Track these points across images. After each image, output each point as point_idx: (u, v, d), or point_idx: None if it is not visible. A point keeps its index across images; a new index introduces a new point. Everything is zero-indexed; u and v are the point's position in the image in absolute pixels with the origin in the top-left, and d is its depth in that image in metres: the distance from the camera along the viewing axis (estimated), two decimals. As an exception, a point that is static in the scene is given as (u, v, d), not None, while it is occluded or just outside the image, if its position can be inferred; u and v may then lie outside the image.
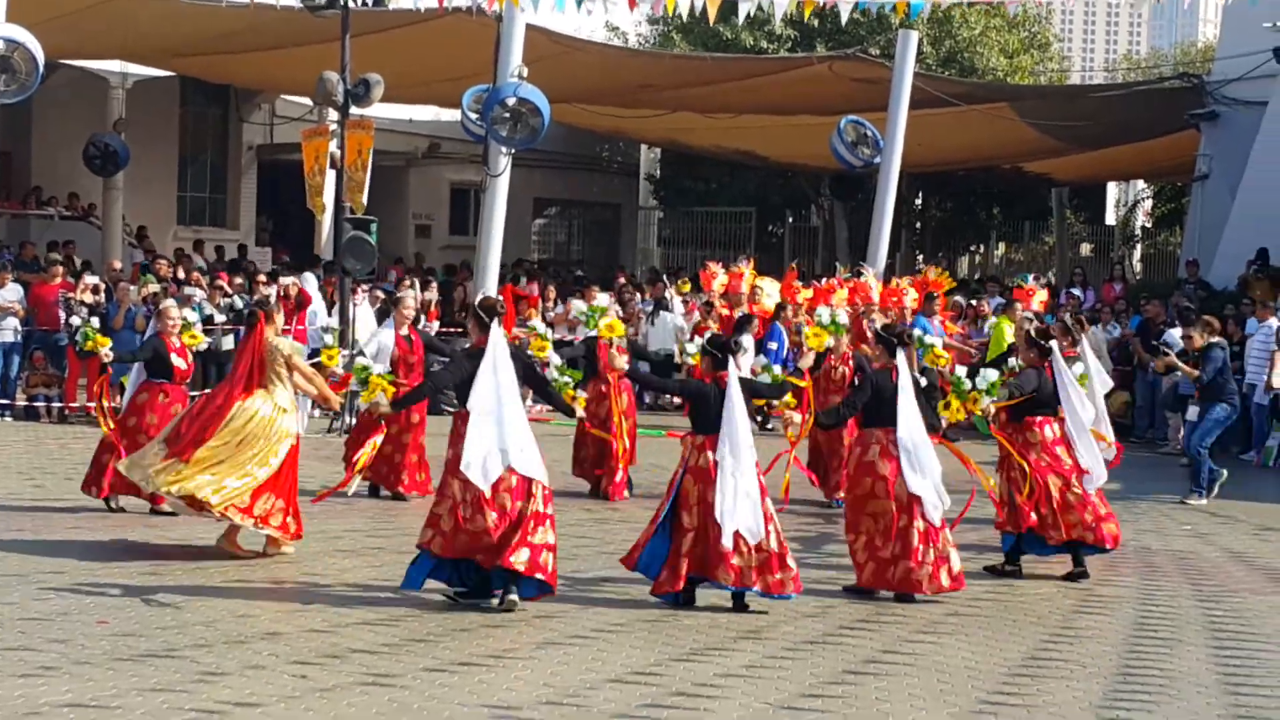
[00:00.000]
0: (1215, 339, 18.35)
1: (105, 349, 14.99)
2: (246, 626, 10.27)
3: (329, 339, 16.71)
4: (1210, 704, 9.41)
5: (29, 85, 20.23)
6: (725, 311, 25.00)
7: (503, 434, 10.90)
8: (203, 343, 15.28)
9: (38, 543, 12.93)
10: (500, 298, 12.48)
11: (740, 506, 11.09)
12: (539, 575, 10.91)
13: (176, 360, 14.80)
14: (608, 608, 11.25)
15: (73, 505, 14.76)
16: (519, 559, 10.82)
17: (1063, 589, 12.77)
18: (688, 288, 27.58)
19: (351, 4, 21.69)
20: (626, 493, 16.68)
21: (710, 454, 11.20)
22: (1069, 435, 13.17)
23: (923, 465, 11.82)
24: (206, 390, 14.77)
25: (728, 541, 11.05)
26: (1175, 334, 21.29)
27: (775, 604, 11.41)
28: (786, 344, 23.79)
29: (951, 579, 11.88)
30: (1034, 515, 12.94)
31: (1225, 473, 18.13)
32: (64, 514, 14.33)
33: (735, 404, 11.22)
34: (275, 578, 11.99)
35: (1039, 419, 13.10)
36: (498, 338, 11.17)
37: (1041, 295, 20.24)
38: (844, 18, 16.90)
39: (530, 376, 11.74)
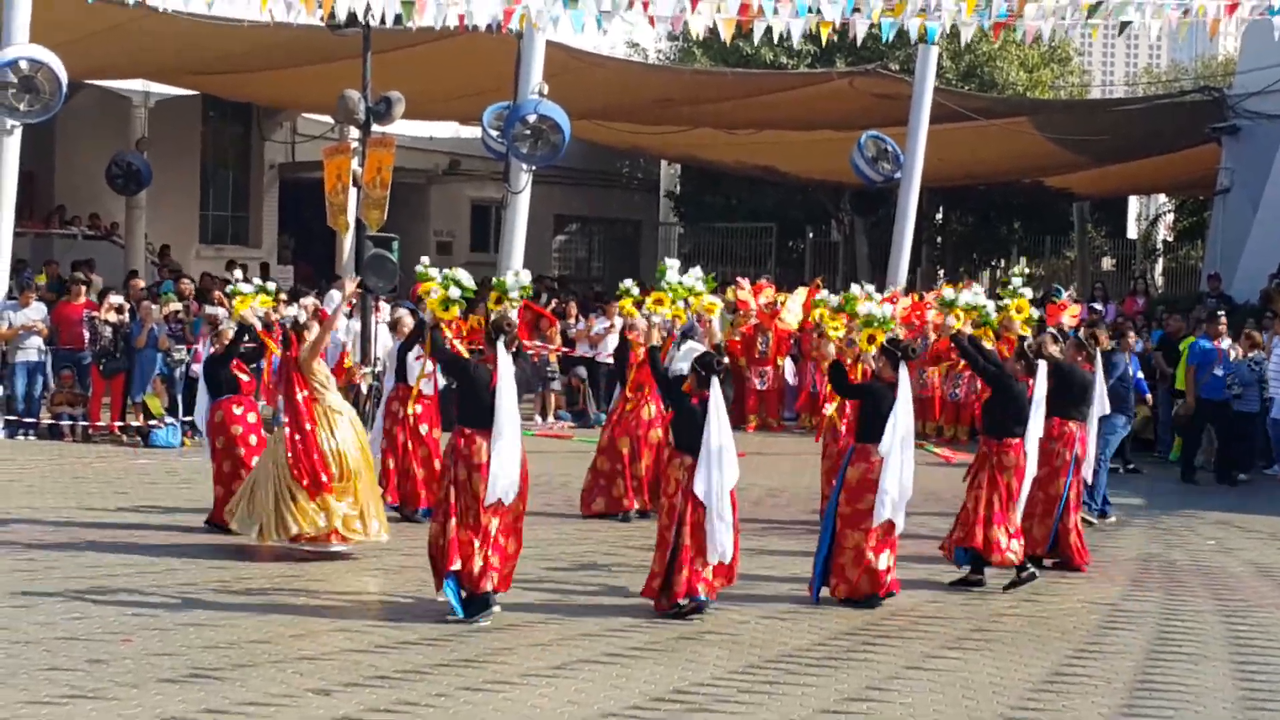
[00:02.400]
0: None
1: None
2: (272, 647, 10.29)
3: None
4: (1236, 719, 9.40)
5: (52, 105, 20.37)
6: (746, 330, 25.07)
7: (514, 459, 11.12)
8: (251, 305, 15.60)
9: (62, 561, 12.97)
10: (511, 316, 12.50)
11: (720, 532, 11.38)
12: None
13: (239, 374, 15.15)
14: (632, 627, 11.25)
15: (97, 522, 14.82)
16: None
17: (1087, 604, 12.74)
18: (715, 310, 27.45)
19: (373, 23, 21.75)
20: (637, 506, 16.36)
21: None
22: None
23: (904, 484, 12.05)
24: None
25: (712, 560, 11.48)
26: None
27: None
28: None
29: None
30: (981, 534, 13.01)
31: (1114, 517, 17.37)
32: (88, 530, 14.36)
33: (716, 424, 11.35)
34: (301, 597, 12.00)
35: (1015, 441, 13.06)
36: (504, 358, 11.21)
37: (1074, 310, 20.20)
38: (859, 38, 16.87)
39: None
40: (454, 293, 13.38)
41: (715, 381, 11.45)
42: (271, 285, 16.20)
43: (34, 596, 11.54)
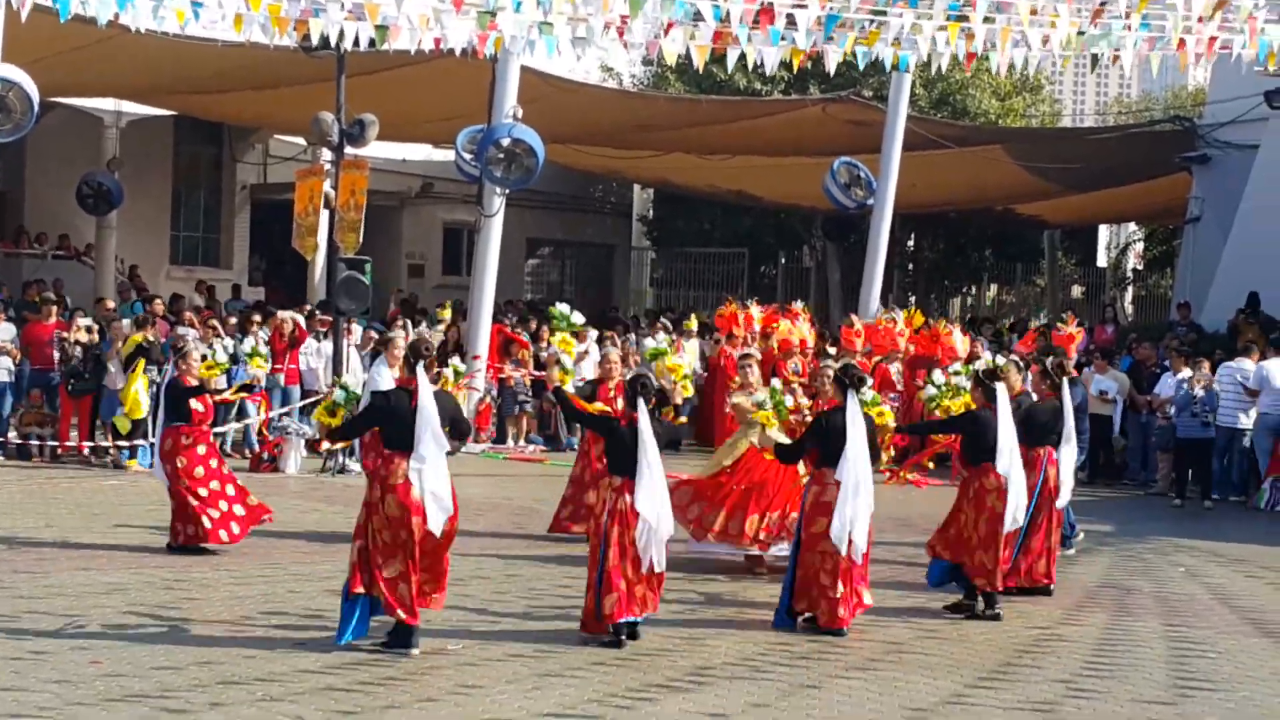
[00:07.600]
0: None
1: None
2: (241, 667, 10.24)
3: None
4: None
5: (24, 125, 20.25)
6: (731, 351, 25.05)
7: (441, 481, 10.93)
8: (220, 375, 15.63)
9: (31, 582, 12.91)
10: (430, 340, 12.34)
11: (655, 549, 11.36)
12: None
13: (195, 404, 14.92)
14: (565, 646, 11.27)
15: (65, 542, 14.77)
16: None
17: (1026, 629, 12.67)
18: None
19: (347, 46, 21.77)
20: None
21: (628, 497, 11.34)
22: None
23: (859, 507, 11.97)
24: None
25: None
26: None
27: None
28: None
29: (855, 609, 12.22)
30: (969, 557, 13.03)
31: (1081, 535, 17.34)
32: (56, 550, 14.32)
33: (648, 445, 11.33)
34: (270, 617, 11.95)
35: (991, 466, 13.09)
36: (424, 383, 11.04)
37: (1079, 339, 20.15)
38: (831, 67, 16.95)
39: (456, 425, 11.58)
40: (338, 395, 12.93)
41: (642, 404, 11.45)
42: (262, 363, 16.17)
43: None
